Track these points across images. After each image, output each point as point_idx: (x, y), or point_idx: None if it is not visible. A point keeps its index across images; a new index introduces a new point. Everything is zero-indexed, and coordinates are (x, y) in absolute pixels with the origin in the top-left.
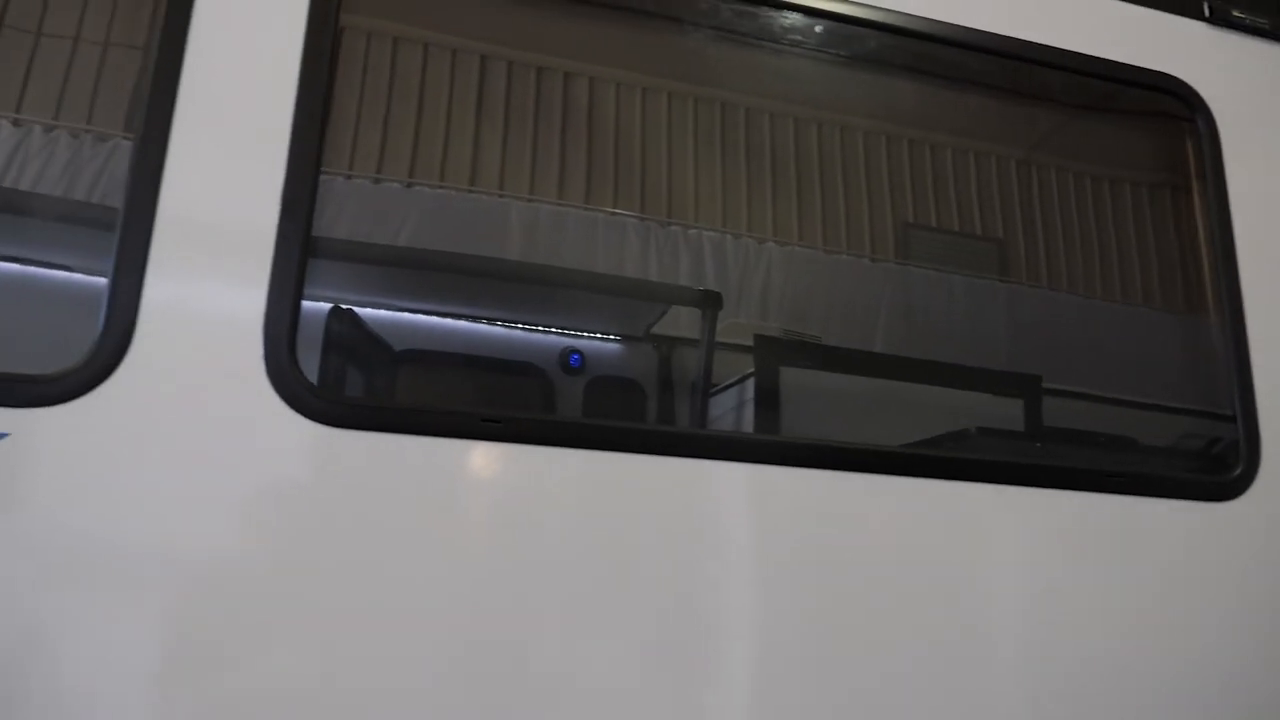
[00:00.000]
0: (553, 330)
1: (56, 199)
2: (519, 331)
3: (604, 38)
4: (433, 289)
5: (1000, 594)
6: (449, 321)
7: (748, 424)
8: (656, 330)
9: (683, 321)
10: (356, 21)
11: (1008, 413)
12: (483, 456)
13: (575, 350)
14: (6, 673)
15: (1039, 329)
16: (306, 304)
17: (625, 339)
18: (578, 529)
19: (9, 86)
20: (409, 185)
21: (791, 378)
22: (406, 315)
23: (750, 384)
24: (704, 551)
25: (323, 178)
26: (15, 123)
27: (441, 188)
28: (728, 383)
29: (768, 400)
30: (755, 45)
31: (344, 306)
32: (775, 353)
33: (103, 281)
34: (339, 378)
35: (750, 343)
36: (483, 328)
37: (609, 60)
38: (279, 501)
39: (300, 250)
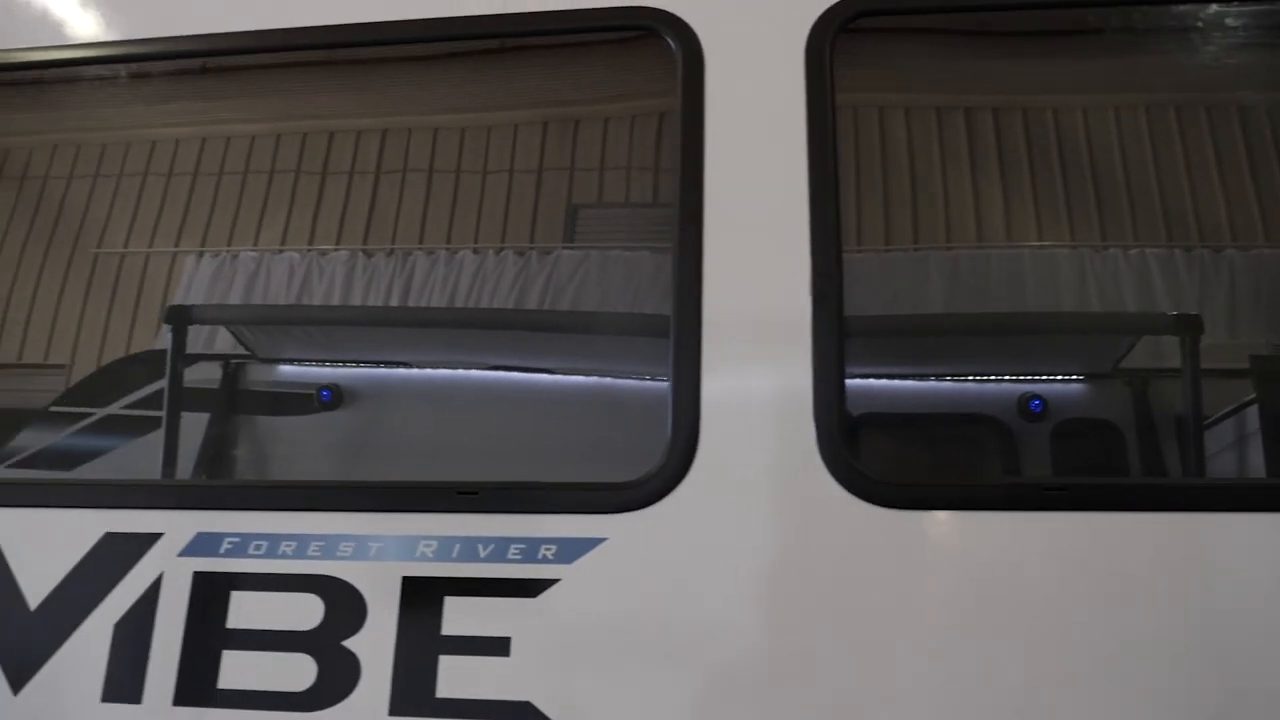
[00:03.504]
0: (1004, 378)
1: (609, 314)
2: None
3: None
4: (940, 351)
5: None
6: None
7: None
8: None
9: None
10: (847, 99)
11: None
12: (1046, 528)
13: (1035, 395)
14: None
15: None
16: (849, 384)
17: (1089, 378)
18: (1167, 603)
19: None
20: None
21: None
22: (915, 382)
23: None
24: None
25: (845, 256)
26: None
27: (919, 249)
28: (1221, 414)
29: None
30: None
31: (879, 380)
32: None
33: (644, 384)
34: (886, 455)
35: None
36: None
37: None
38: (847, 586)
39: (836, 332)
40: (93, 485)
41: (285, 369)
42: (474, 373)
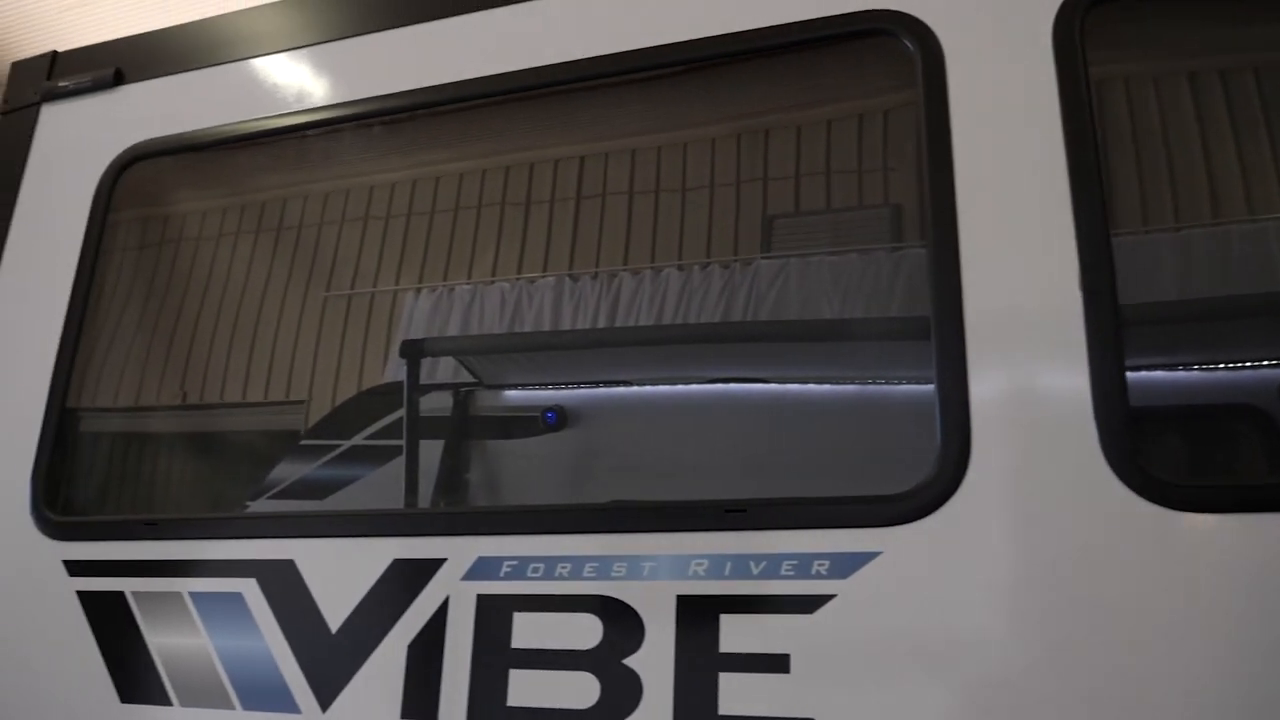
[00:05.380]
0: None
1: (867, 320)
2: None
3: None
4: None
5: None
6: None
7: None
8: None
9: None
10: (1100, 76)
11: None
12: None
13: None
14: None
15: None
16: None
17: None
18: None
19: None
20: (1178, 230)
21: None
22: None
23: None
24: None
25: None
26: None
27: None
28: None
29: None
30: None
31: (1158, 373)
32: None
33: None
34: (1174, 453)
35: None
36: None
37: None
38: (1140, 598)
39: (1112, 323)
40: (379, 515)
41: (510, 394)
42: (699, 387)
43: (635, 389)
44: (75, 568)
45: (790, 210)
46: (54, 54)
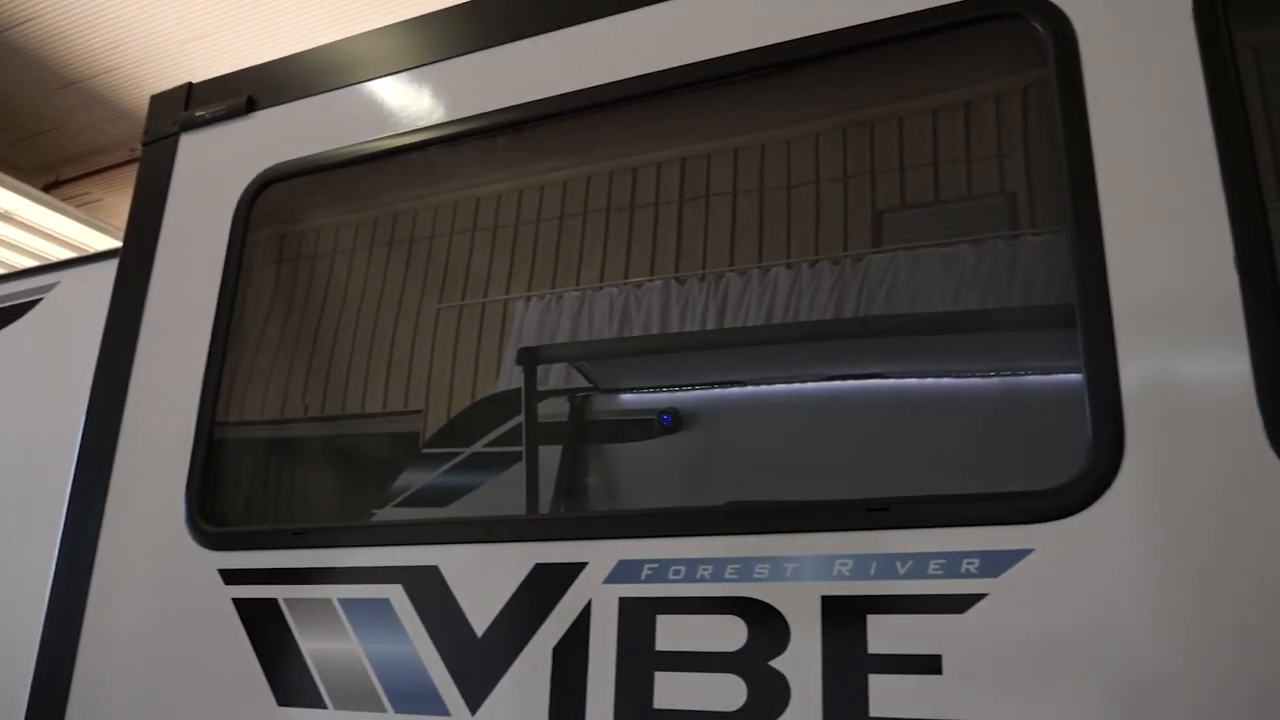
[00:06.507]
0: None
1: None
2: None
3: None
4: None
5: None
6: None
7: None
8: None
9: None
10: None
11: None
12: None
13: None
14: None
15: None
16: None
17: None
18: None
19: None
20: None
21: None
22: None
23: None
24: None
25: (1273, 214)
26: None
27: None
28: None
29: None
30: None
31: None
32: None
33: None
34: None
35: None
36: None
37: None
38: None
39: (1274, 302)
40: (520, 520)
41: (625, 398)
42: (817, 385)
43: (750, 389)
44: (230, 576)
45: (898, 204)
46: (189, 85)
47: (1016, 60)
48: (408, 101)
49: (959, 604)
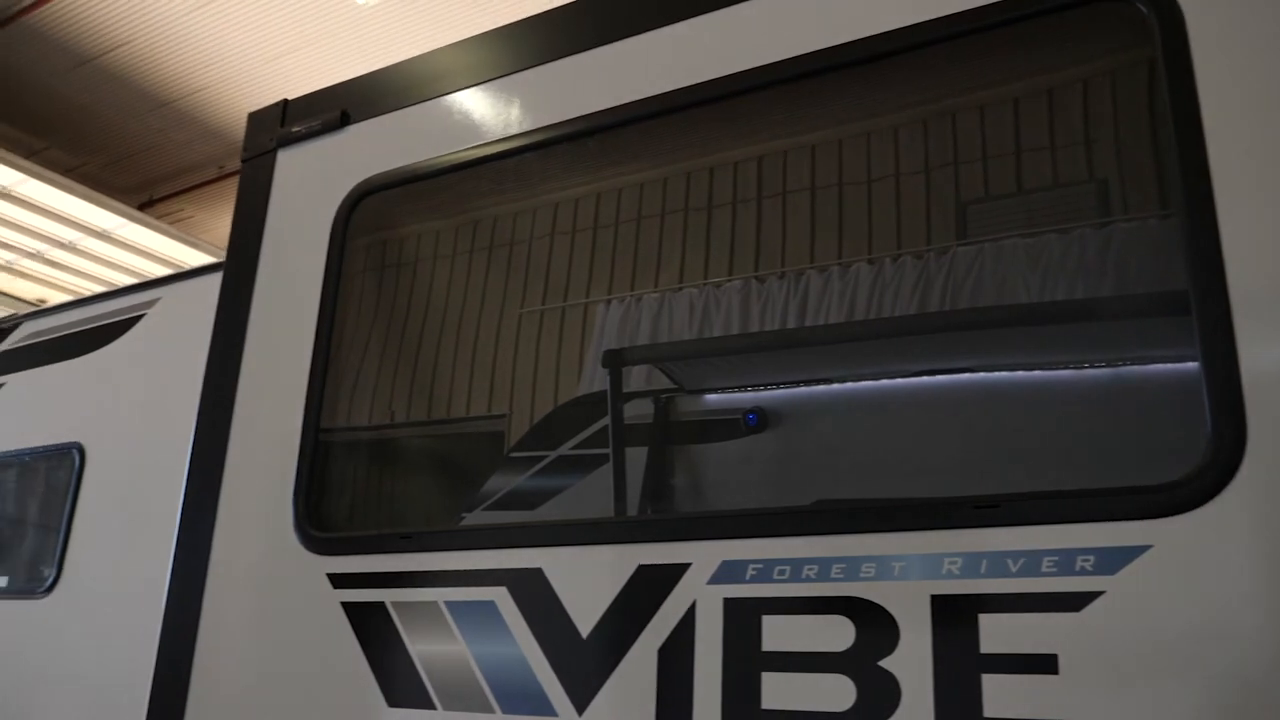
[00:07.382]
0: None
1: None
2: None
3: None
4: None
5: None
6: None
7: None
8: None
9: None
10: None
11: None
12: None
13: None
14: None
15: None
16: None
17: None
18: None
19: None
20: None
21: None
22: None
23: None
24: None
25: None
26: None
27: None
28: None
29: None
30: None
31: None
32: None
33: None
34: None
35: None
36: None
37: None
38: None
39: None
40: (622, 522)
41: (710, 398)
42: (905, 381)
43: (836, 386)
44: (338, 580)
45: (983, 195)
46: (285, 102)
47: (1107, 42)
48: (493, 111)
49: (1074, 602)
